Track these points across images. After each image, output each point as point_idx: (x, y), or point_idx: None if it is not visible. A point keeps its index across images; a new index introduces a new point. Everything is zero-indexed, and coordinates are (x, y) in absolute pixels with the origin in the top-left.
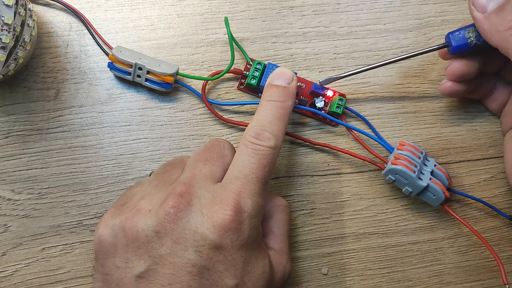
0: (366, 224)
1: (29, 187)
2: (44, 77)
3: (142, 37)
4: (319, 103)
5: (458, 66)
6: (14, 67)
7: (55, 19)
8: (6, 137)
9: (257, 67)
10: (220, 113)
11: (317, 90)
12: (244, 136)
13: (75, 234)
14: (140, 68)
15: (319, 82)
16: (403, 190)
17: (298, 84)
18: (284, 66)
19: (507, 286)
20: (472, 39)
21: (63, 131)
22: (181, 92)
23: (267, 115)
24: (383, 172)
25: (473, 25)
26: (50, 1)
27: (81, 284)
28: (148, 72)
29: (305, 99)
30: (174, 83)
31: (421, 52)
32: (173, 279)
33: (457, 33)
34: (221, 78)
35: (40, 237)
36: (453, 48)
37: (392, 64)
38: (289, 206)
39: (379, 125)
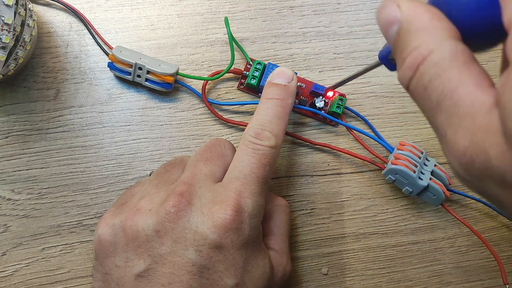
0: (366, 224)
1: (29, 187)
2: (44, 77)
3: (142, 37)
4: (319, 103)
5: None
6: (14, 67)
7: (55, 19)
8: (6, 137)
9: (257, 67)
10: (220, 113)
11: (317, 90)
12: (244, 135)
13: (75, 234)
14: (140, 68)
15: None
16: (403, 190)
17: (298, 84)
18: (284, 66)
19: (507, 286)
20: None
21: (63, 131)
22: (181, 92)
23: (267, 114)
24: (383, 172)
25: None
26: (50, 1)
27: (81, 284)
28: (148, 72)
29: (305, 99)
30: (174, 83)
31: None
32: (173, 278)
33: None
34: (221, 78)
35: (40, 237)
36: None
37: None
38: (289, 206)
39: (379, 125)
